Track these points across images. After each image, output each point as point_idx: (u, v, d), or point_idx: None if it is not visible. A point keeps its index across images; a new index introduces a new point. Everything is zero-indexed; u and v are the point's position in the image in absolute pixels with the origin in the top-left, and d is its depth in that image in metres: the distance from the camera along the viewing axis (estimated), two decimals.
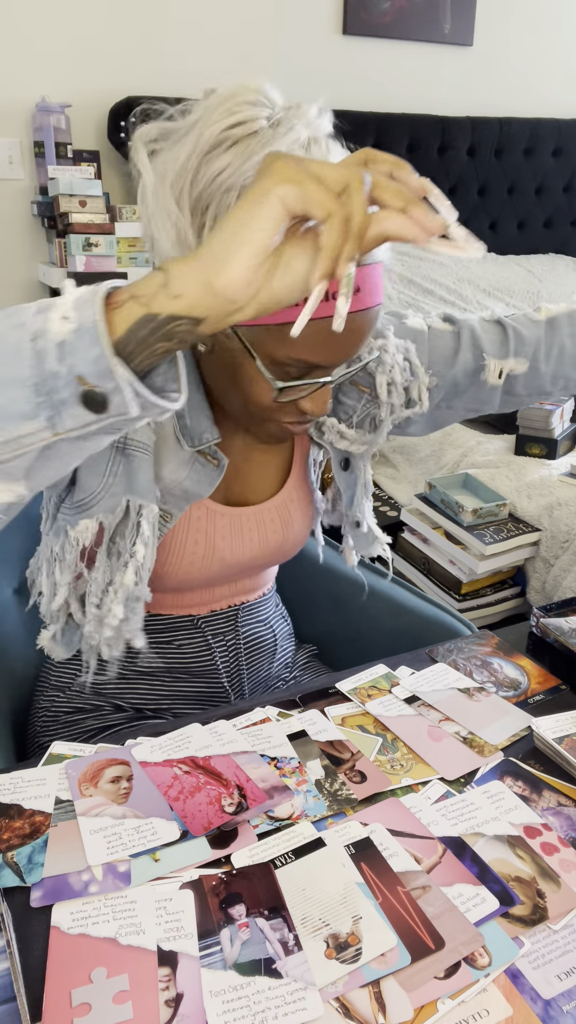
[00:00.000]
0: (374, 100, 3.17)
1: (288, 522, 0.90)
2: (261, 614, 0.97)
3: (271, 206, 0.45)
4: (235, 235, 0.46)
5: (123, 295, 0.47)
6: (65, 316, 0.46)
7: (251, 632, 0.96)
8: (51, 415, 0.47)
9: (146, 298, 0.46)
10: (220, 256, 0.46)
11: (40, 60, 2.61)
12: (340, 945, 0.54)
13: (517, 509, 1.74)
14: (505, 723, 0.77)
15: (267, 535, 0.88)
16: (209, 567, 0.85)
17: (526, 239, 3.63)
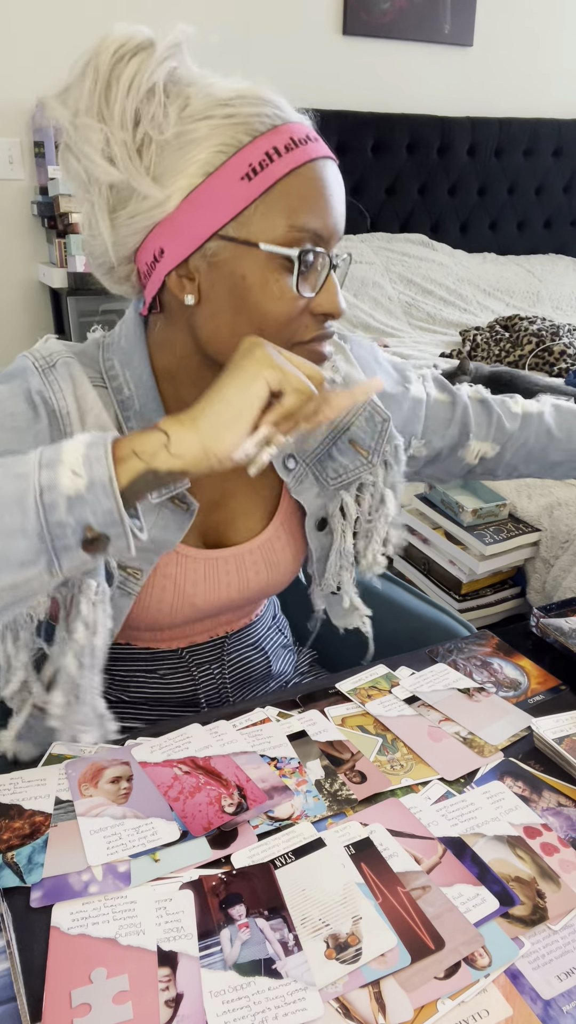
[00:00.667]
0: (374, 100, 3.17)
1: (273, 564, 0.83)
2: (250, 638, 0.92)
3: (260, 386, 0.54)
4: (230, 409, 0.53)
5: (124, 449, 0.52)
6: (75, 472, 0.50)
7: (239, 659, 0.91)
8: (50, 560, 0.51)
9: (148, 455, 0.52)
10: (218, 427, 0.53)
11: (40, 60, 2.61)
12: (340, 945, 0.54)
13: (517, 509, 1.74)
14: (505, 723, 0.77)
15: (247, 577, 0.81)
16: (178, 612, 0.79)
17: (526, 239, 3.63)
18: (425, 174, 3.27)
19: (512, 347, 2.54)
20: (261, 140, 0.60)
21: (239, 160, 0.60)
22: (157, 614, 0.79)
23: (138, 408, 0.70)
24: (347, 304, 2.88)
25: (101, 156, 0.60)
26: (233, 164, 0.60)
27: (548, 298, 3.24)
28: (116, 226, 0.63)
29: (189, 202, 0.61)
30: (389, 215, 3.27)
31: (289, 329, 0.65)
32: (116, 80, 0.60)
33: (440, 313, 3.01)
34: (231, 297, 0.63)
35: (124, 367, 0.70)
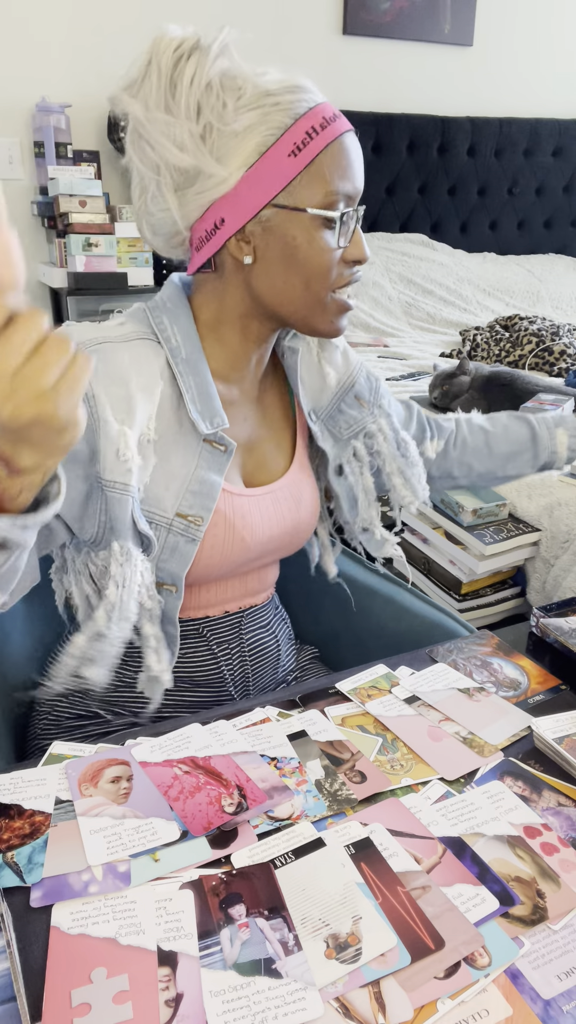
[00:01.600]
0: (374, 100, 3.17)
1: (300, 500, 0.92)
2: (264, 619, 0.97)
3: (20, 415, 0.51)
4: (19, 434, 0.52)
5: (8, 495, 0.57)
6: None
7: (255, 639, 0.95)
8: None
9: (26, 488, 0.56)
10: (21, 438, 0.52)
11: (40, 60, 2.61)
12: (340, 945, 0.54)
13: (517, 509, 1.74)
14: (505, 723, 0.77)
15: (283, 513, 0.90)
16: (231, 551, 0.85)
17: (526, 239, 3.63)
18: (425, 174, 3.28)
19: (512, 347, 2.54)
20: (301, 122, 0.73)
21: (286, 140, 0.72)
22: (211, 551, 0.84)
23: (184, 356, 0.79)
24: None
25: (173, 144, 0.72)
26: (282, 144, 0.72)
27: (548, 298, 3.25)
28: (183, 202, 0.75)
29: (247, 179, 0.73)
30: (389, 215, 3.27)
31: (330, 277, 0.78)
32: (180, 78, 0.73)
33: (440, 313, 3.01)
34: (283, 255, 0.76)
35: (172, 323, 0.81)
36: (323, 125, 0.74)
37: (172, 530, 0.80)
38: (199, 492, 0.80)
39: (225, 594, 0.91)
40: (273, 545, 0.91)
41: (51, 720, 0.92)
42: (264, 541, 0.88)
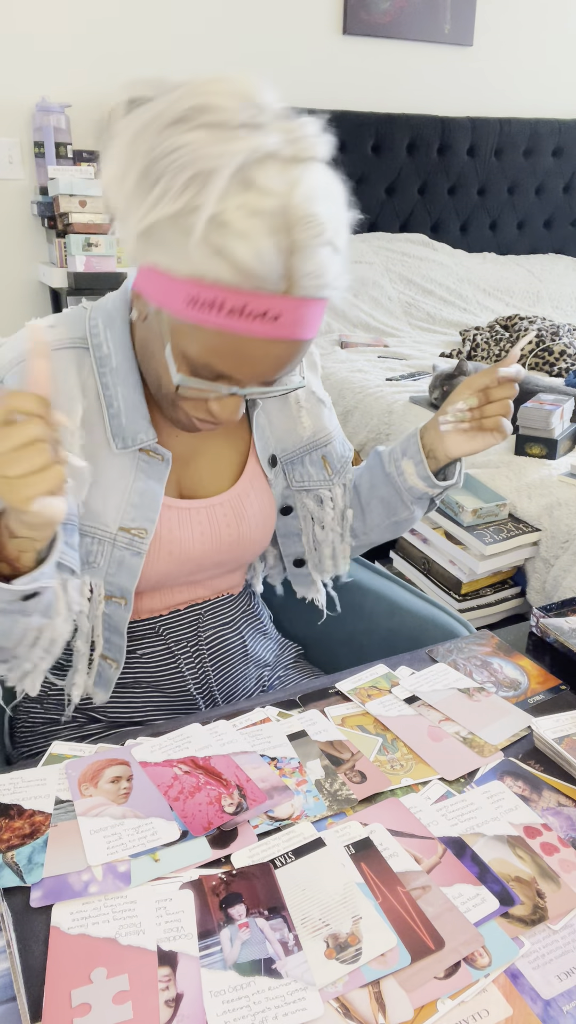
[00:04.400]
0: (374, 100, 3.17)
1: (243, 517, 0.87)
2: (225, 616, 0.95)
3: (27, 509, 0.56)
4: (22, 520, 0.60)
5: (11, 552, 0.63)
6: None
7: (215, 635, 0.93)
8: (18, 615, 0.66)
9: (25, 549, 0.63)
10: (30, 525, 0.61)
11: (40, 60, 2.61)
12: (340, 945, 0.54)
13: (517, 509, 1.74)
14: (505, 723, 0.77)
15: (219, 529, 0.86)
16: (157, 561, 0.83)
17: (526, 239, 3.63)
18: (425, 174, 3.28)
19: (512, 347, 2.54)
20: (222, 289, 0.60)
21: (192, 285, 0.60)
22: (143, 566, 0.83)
23: (114, 365, 0.76)
24: (347, 304, 2.88)
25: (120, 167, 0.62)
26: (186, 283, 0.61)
27: (548, 298, 3.24)
28: None
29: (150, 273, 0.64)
30: (389, 215, 3.27)
31: (182, 403, 0.72)
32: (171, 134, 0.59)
33: (440, 313, 3.01)
34: (150, 344, 0.71)
35: (107, 328, 0.76)
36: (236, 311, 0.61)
37: (116, 544, 0.79)
38: (139, 504, 0.79)
39: (171, 599, 0.90)
40: (210, 560, 0.88)
41: (27, 727, 0.92)
42: (196, 556, 0.86)
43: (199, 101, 0.59)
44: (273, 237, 0.58)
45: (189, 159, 0.57)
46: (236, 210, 0.57)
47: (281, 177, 0.58)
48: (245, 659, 0.96)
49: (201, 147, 0.57)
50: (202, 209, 0.57)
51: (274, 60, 2.93)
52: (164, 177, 0.58)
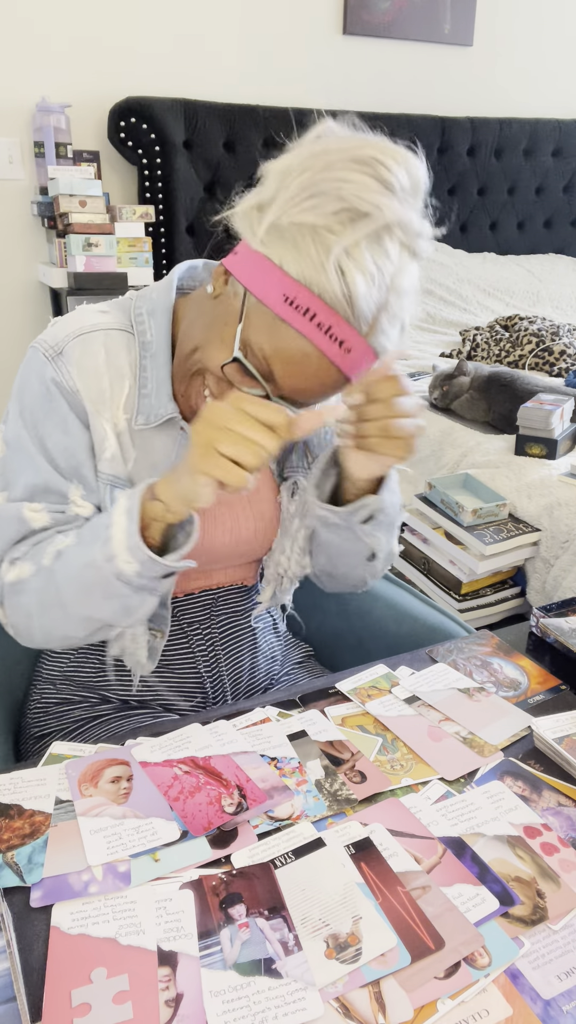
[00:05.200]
0: (374, 100, 3.17)
1: (260, 515, 0.90)
2: (238, 605, 0.96)
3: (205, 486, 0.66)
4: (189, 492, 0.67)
5: (145, 519, 0.70)
6: (127, 561, 0.69)
7: (228, 621, 0.95)
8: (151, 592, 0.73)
9: (160, 517, 0.70)
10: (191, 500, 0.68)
11: (40, 60, 2.61)
12: (340, 945, 0.54)
13: (517, 509, 1.74)
14: (505, 723, 0.77)
15: (239, 523, 0.89)
16: None
17: (526, 239, 3.63)
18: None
19: (512, 347, 2.54)
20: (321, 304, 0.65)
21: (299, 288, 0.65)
22: None
23: (154, 351, 0.80)
24: None
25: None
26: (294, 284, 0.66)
27: (548, 298, 3.24)
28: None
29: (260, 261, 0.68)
30: None
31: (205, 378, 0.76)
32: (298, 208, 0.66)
33: (440, 313, 3.01)
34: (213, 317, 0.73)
35: (150, 316, 0.81)
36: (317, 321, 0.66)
37: None
38: None
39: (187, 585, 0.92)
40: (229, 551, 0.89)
41: (40, 708, 0.93)
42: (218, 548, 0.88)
43: (381, 157, 0.66)
44: (379, 290, 0.66)
45: (352, 194, 0.64)
46: (366, 252, 0.64)
47: (398, 256, 0.67)
48: (255, 649, 0.98)
49: (366, 191, 0.64)
50: (344, 236, 0.64)
51: (274, 60, 2.93)
52: (325, 195, 0.65)
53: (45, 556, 0.75)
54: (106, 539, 0.70)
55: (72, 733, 0.88)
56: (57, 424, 0.78)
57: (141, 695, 0.91)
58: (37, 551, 0.76)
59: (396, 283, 0.67)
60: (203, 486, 0.66)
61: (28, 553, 0.77)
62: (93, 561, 0.71)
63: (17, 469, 0.79)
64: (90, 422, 0.78)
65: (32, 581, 0.75)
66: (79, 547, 0.73)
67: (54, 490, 0.79)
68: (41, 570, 0.75)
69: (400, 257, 0.67)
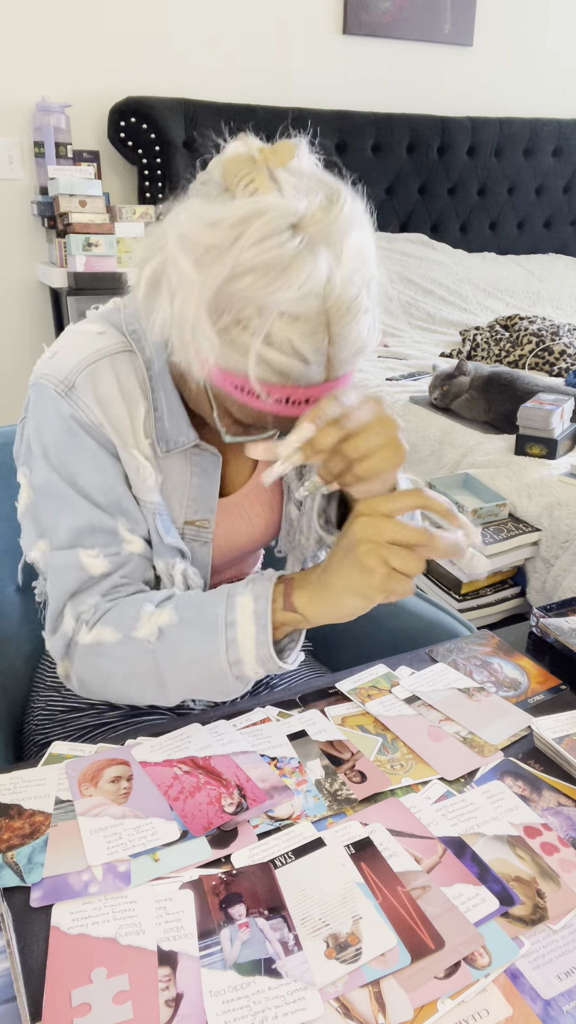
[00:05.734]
0: (374, 100, 3.17)
1: (267, 501, 0.91)
2: None
3: (373, 603, 0.67)
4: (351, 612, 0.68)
5: (275, 623, 0.70)
6: (255, 670, 0.70)
7: None
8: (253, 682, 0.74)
9: (291, 626, 0.71)
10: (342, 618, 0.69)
11: (40, 60, 2.61)
12: (340, 945, 0.54)
13: (517, 509, 1.74)
14: (505, 723, 0.77)
15: (251, 517, 0.90)
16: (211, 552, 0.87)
17: (526, 239, 3.63)
18: (425, 174, 3.28)
19: (512, 347, 2.54)
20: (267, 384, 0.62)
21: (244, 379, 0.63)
22: None
23: (156, 370, 0.77)
24: None
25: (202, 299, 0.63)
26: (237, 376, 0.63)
27: (548, 298, 3.24)
28: None
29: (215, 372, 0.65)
30: (389, 215, 3.27)
31: None
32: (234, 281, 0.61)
33: (440, 313, 3.01)
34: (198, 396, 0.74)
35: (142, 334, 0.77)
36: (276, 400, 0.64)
37: (185, 538, 0.83)
38: (199, 497, 0.82)
39: None
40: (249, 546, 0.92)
41: (45, 714, 0.93)
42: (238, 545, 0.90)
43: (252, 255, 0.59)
44: (313, 337, 0.61)
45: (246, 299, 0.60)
46: (278, 320, 0.60)
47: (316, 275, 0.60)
48: None
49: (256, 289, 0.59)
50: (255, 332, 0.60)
51: (274, 60, 2.93)
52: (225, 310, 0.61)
53: (138, 629, 0.72)
54: (230, 641, 0.69)
55: (80, 741, 0.88)
56: (88, 461, 0.75)
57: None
58: (121, 616, 0.73)
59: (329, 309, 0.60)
60: (373, 603, 0.67)
61: (107, 616, 0.74)
62: (211, 659, 0.70)
63: (53, 515, 0.76)
64: (119, 454, 0.76)
65: (118, 649, 0.73)
66: (187, 632, 0.71)
67: (101, 528, 0.76)
68: (131, 641, 0.72)
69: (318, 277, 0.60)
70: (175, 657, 0.71)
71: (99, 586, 0.76)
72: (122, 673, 0.74)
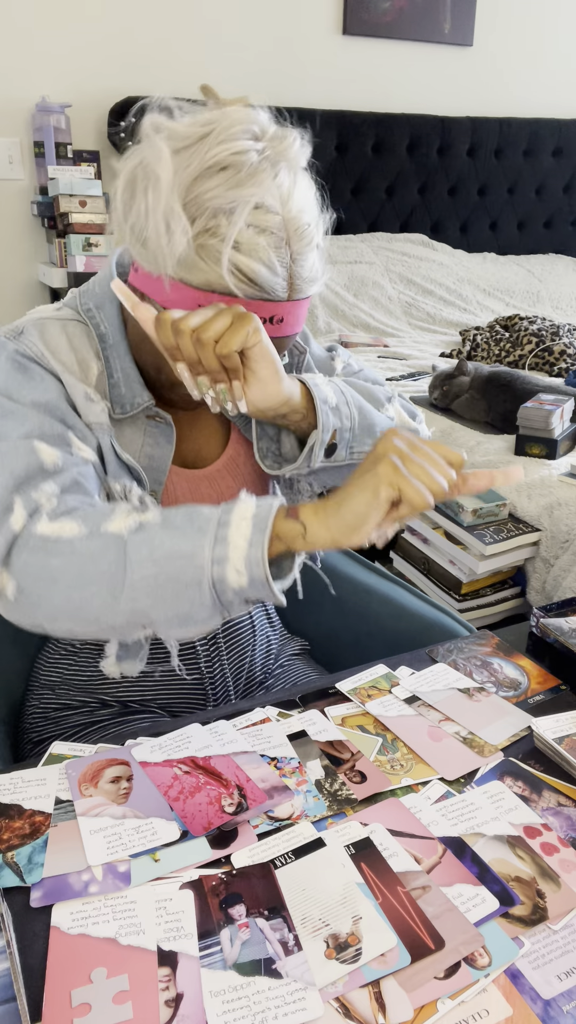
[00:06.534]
0: (374, 100, 3.17)
1: (239, 477, 0.89)
2: None
3: (383, 501, 0.63)
4: (357, 518, 0.63)
5: (271, 534, 0.64)
6: (239, 571, 0.62)
7: None
8: (223, 612, 0.65)
9: (288, 540, 0.64)
10: (346, 530, 0.63)
11: (40, 60, 2.61)
12: (340, 945, 0.54)
13: (517, 509, 1.74)
14: (505, 723, 0.77)
15: (223, 494, 0.88)
16: None
17: (526, 239, 3.63)
18: (425, 174, 3.27)
19: (512, 347, 2.54)
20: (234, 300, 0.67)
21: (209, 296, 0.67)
22: None
23: (111, 343, 0.79)
24: (347, 304, 2.89)
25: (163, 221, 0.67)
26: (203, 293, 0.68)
27: (548, 298, 3.24)
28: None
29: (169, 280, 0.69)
30: (389, 215, 3.27)
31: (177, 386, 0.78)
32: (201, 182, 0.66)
33: (440, 313, 3.01)
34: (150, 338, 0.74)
35: (99, 310, 0.80)
36: None
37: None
38: (149, 467, 0.82)
39: None
40: None
41: (39, 714, 0.93)
42: None
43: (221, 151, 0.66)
44: (277, 251, 0.67)
45: (217, 202, 0.66)
46: (247, 229, 0.66)
47: (276, 192, 0.67)
48: (254, 640, 0.98)
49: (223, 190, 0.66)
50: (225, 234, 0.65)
51: (274, 60, 2.93)
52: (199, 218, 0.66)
53: (112, 522, 0.64)
54: (220, 539, 0.62)
55: (72, 739, 0.88)
56: (35, 383, 0.74)
57: (141, 696, 0.91)
58: (91, 513, 0.66)
59: (289, 226, 0.67)
60: (382, 505, 0.63)
61: (76, 513, 0.66)
62: (192, 555, 0.62)
63: (4, 431, 0.71)
64: (64, 381, 0.75)
65: (79, 544, 0.64)
66: (169, 530, 0.64)
67: (50, 433, 0.72)
68: (98, 536, 0.64)
69: (278, 195, 0.67)
70: (150, 552, 0.62)
71: (56, 478, 0.69)
72: (74, 574, 0.63)
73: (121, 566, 0.62)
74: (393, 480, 0.63)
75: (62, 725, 0.90)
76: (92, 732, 0.88)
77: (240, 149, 0.66)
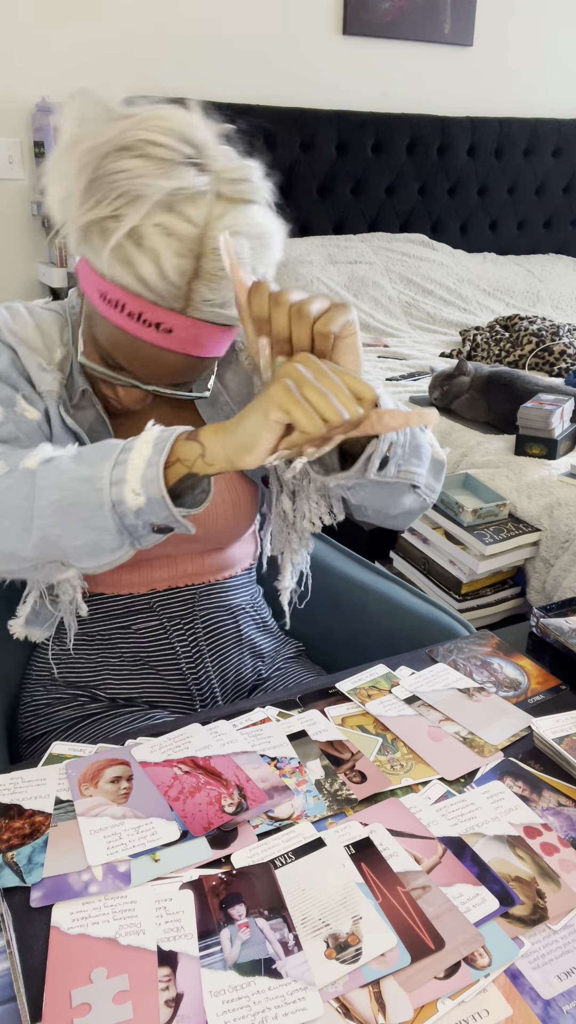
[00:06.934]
0: (374, 100, 3.17)
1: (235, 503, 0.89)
2: (223, 599, 0.96)
3: (272, 422, 0.60)
4: (248, 436, 0.61)
5: (171, 457, 0.63)
6: (135, 492, 0.62)
7: (210, 617, 0.95)
8: (132, 542, 0.65)
9: (188, 462, 0.63)
10: (239, 449, 0.61)
11: (40, 60, 2.61)
12: (340, 945, 0.54)
13: (517, 509, 1.74)
14: (505, 723, 0.77)
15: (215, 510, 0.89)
16: None
17: (526, 239, 3.63)
18: (425, 174, 3.27)
19: (512, 347, 2.54)
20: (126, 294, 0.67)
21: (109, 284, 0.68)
22: None
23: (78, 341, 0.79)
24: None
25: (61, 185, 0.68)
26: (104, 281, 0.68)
27: (548, 298, 3.24)
28: None
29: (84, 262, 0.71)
30: (389, 215, 3.27)
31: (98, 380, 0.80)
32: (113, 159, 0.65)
33: (440, 313, 3.01)
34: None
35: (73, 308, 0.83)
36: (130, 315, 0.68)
37: None
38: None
39: (175, 571, 0.91)
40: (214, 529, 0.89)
41: (31, 710, 0.94)
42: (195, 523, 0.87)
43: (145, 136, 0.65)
44: (179, 259, 0.65)
45: (127, 181, 0.64)
46: (153, 227, 0.64)
47: (207, 211, 0.66)
48: (240, 644, 0.98)
49: (139, 174, 0.64)
50: (124, 221, 0.64)
51: (274, 60, 2.93)
52: (102, 192, 0.65)
53: (29, 459, 0.66)
54: (120, 461, 0.63)
55: (63, 733, 0.88)
56: None
57: (127, 692, 0.92)
58: (13, 453, 0.68)
59: (205, 243, 0.65)
60: (272, 427, 0.60)
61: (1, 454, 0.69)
62: (93, 478, 0.63)
63: None
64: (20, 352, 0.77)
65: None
66: (78, 461, 0.65)
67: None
68: (14, 473, 0.66)
69: (207, 213, 0.65)
70: (56, 478, 0.64)
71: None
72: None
73: (31, 496, 0.64)
74: (283, 403, 0.59)
75: (54, 720, 0.91)
76: (84, 727, 0.88)
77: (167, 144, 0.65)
